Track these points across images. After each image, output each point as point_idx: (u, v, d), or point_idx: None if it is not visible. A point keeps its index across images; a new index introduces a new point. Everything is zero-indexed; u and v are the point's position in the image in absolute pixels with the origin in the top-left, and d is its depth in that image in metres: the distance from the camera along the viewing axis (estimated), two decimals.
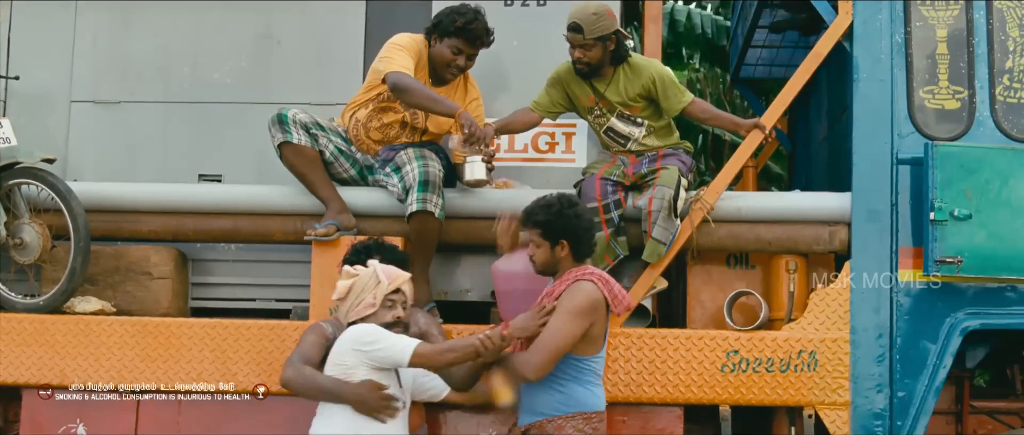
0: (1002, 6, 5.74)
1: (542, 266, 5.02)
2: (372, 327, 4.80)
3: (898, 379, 5.49)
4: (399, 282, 4.90)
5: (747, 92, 9.48)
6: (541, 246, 4.98)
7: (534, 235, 5.00)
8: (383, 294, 4.85)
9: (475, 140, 5.51)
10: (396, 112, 5.79)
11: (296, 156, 5.74)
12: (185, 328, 5.65)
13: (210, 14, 6.29)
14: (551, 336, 4.80)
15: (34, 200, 5.79)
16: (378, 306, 4.85)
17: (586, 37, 5.59)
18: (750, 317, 5.65)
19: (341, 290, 4.89)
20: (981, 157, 5.48)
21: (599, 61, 5.67)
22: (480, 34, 5.72)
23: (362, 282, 4.87)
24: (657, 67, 5.77)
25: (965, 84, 5.70)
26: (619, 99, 5.73)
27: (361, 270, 4.92)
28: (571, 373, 4.89)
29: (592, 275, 4.93)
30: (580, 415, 4.87)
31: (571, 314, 4.81)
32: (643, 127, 5.77)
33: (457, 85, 5.85)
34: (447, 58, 5.73)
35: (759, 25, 7.67)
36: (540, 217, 4.98)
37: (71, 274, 5.66)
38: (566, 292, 4.88)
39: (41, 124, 6.25)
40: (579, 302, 4.83)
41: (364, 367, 4.76)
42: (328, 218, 5.68)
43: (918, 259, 5.53)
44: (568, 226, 4.95)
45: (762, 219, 5.75)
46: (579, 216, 5.01)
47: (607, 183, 5.63)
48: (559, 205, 4.99)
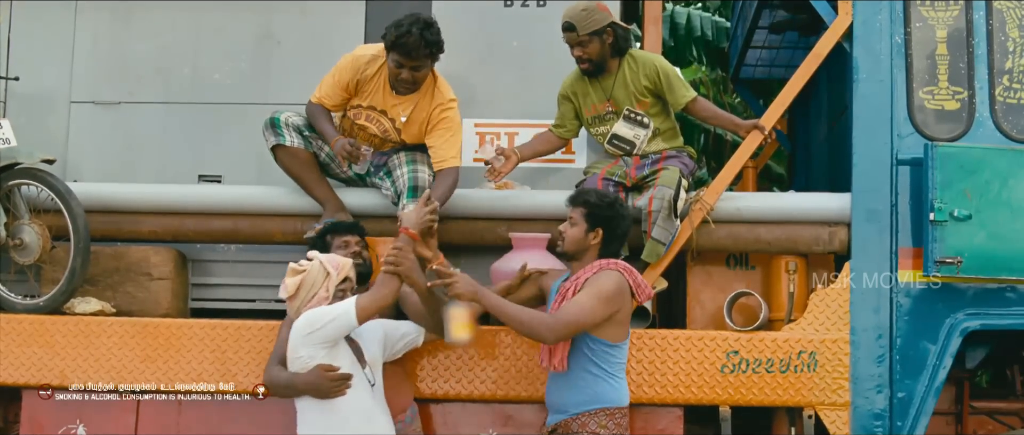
0: (1002, 6, 5.74)
1: (570, 245, 5.07)
2: (309, 312, 4.84)
3: (898, 379, 5.50)
4: (346, 270, 4.95)
5: (746, 93, 9.49)
6: (578, 225, 5.05)
7: (576, 213, 5.06)
8: (334, 285, 4.89)
9: (353, 158, 5.53)
10: (371, 127, 5.77)
11: (290, 159, 5.75)
12: (185, 329, 5.65)
13: (210, 14, 6.29)
14: (576, 307, 4.85)
15: (34, 201, 5.79)
16: (331, 298, 4.89)
17: (580, 34, 5.62)
18: (750, 318, 5.65)
19: (290, 288, 4.92)
20: (981, 158, 5.48)
21: (600, 55, 5.69)
22: (413, 47, 5.42)
23: (311, 277, 4.90)
24: (661, 60, 5.81)
25: (965, 85, 5.70)
26: (626, 94, 5.73)
27: (306, 265, 4.94)
28: (599, 363, 4.94)
29: (617, 264, 5.03)
30: (603, 411, 4.93)
31: (598, 296, 4.88)
32: (649, 129, 5.76)
33: (425, 92, 5.69)
34: (393, 72, 5.58)
35: (759, 26, 7.67)
36: (591, 198, 5.08)
37: (71, 275, 5.66)
38: (593, 277, 4.95)
39: (41, 125, 6.25)
40: (607, 287, 4.90)
41: (321, 352, 4.79)
42: (326, 217, 5.69)
43: (918, 260, 5.53)
44: (613, 218, 5.06)
45: (762, 220, 5.75)
46: (626, 217, 5.15)
47: (609, 183, 5.63)
48: (614, 199, 5.14)
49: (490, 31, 6.12)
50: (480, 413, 5.53)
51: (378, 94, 5.69)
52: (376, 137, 5.78)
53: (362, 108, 5.73)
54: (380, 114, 5.72)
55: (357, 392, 4.85)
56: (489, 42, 6.12)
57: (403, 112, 5.68)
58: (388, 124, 5.73)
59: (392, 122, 5.72)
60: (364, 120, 5.75)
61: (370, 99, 5.71)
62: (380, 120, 5.73)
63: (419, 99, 5.68)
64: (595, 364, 4.94)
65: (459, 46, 6.00)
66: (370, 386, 4.91)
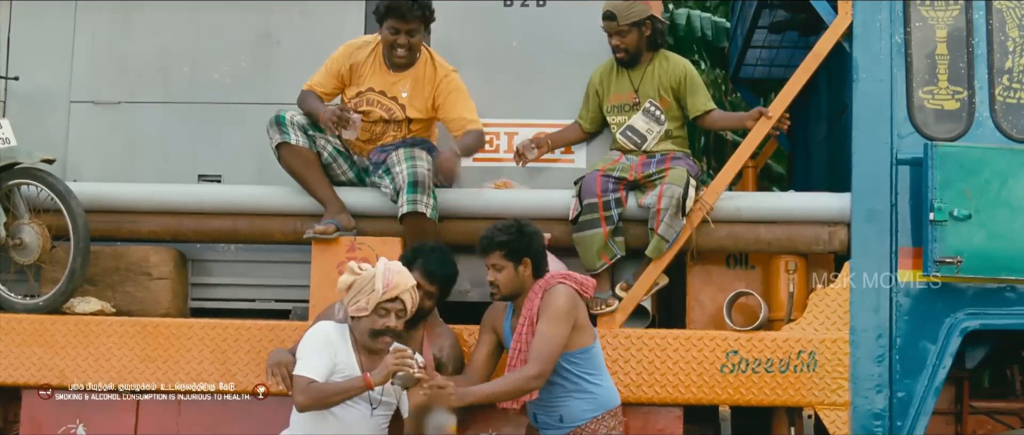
0: (1002, 6, 5.74)
1: (508, 288, 5.12)
2: (311, 336, 4.92)
3: (898, 379, 5.50)
4: (397, 291, 4.90)
5: (746, 92, 9.49)
6: (504, 268, 5.09)
7: (496, 258, 5.09)
8: (375, 302, 4.88)
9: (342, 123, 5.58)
10: (375, 110, 5.79)
11: (294, 157, 5.75)
12: (185, 328, 5.65)
13: (210, 14, 6.29)
14: (544, 343, 4.93)
15: (34, 201, 5.79)
16: (369, 311, 4.89)
17: (620, 23, 5.72)
18: (750, 317, 5.65)
19: (342, 285, 4.95)
20: (980, 157, 5.48)
21: (637, 46, 5.79)
22: (406, 9, 5.58)
23: (361, 283, 4.90)
24: (689, 65, 5.91)
25: (964, 84, 5.70)
26: (652, 88, 5.82)
27: (368, 268, 4.94)
28: (584, 369, 5.03)
29: (553, 278, 5.11)
30: (607, 414, 5.06)
31: (557, 319, 4.96)
32: (663, 126, 5.82)
33: (423, 66, 5.77)
34: (389, 41, 5.68)
35: (758, 25, 7.67)
36: (502, 238, 5.09)
37: (71, 274, 5.66)
38: (543, 304, 5.00)
39: (41, 124, 6.24)
40: (560, 305, 4.99)
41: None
42: (327, 218, 5.69)
43: (918, 259, 5.53)
44: (531, 244, 5.12)
45: (762, 219, 5.75)
46: (536, 234, 5.19)
47: (608, 180, 5.64)
48: (517, 225, 5.14)
49: (490, 31, 6.11)
50: (481, 413, 5.52)
51: (376, 75, 5.76)
52: (382, 120, 5.80)
53: (362, 93, 5.77)
54: (380, 95, 5.76)
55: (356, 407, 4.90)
56: (489, 42, 6.12)
57: (403, 88, 5.75)
58: (390, 102, 5.76)
59: (394, 100, 5.75)
60: (366, 104, 5.77)
61: (368, 82, 5.77)
62: (382, 100, 5.77)
63: (417, 74, 5.75)
64: (583, 375, 5.04)
65: (459, 46, 6.01)
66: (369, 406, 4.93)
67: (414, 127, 5.85)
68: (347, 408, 4.87)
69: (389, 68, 5.76)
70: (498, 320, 5.26)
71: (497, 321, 5.26)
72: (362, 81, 5.78)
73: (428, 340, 5.32)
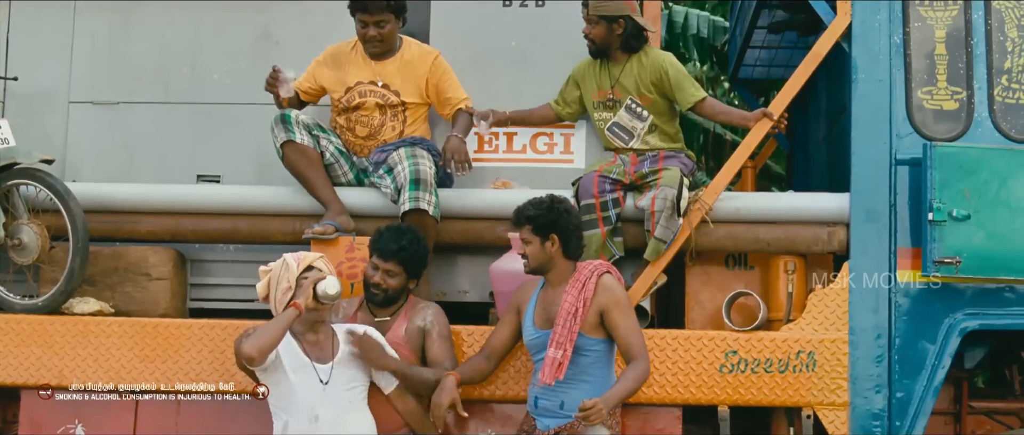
0: (1001, 6, 5.74)
1: (534, 262, 5.13)
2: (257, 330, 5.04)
3: (897, 379, 5.50)
4: (308, 261, 5.09)
5: (746, 92, 9.50)
6: (532, 242, 5.11)
7: (525, 232, 5.12)
8: (295, 276, 5.04)
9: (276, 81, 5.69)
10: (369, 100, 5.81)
11: (299, 156, 5.75)
12: (184, 329, 5.65)
13: (209, 15, 6.29)
14: (635, 334, 5.05)
15: (33, 201, 5.79)
16: (294, 287, 5.04)
17: (590, 13, 5.74)
18: (749, 318, 5.65)
19: (260, 290, 5.16)
20: (979, 158, 5.49)
21: (603, 41, 5.77)
22: (371, 2, 5.66)
23: (275, 274, 5.11)
24: (670, 60, 5.85)
25: (963, 85, 5.70)
26: (632, 85, 5.80)
27: (273, 265, 5.14)
28: (598, 358, 5.07)
29: (604, 266, 5.15)
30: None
31: (628, 307, 5.09)
32: (647, 122, 5.79)
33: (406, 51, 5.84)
34: (360, 34, 5.77)
35: (758, 26, 7.67)
36: (531, 212, 5.12)
37: (70, 275, 5.66)
38: (607, 296, 5.03)
39: (40, 125, 6.24)
40: (625, 294, 5.14)
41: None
42: (327, 219, 5.69)
43: (917, 259, 5.53)
44: (558, 220, 5.09)
45: (761, 220, 5.75)
46: (569, 212, 5.17)
47: (606, 180, 5.64)
48: (549, 201, 5.15)
49: (489, 31, 6.12)
50: (480, 413, 5.52)
51: (362, 69, 5.83)
52: (379, 108, 5.83)
53: (352, 88, 5.83)
54: (371, 85, 5.81)
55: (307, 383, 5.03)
56: (488, 42, 6.12)
57: (391, 73, 5.82)
58: (383, 90, 5.82)
59: (387, 87, 5.81)
60: (360, 97, 5.82)
61: (356, 76, 5.82)
62: (374, 89, 5.82)
63: (403, 57, 5.83)
64: (595, 364, 5.05)
65: (458, 46, 6.01)
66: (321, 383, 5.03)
67: (410, 116, 5.86)
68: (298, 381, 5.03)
69: (371, 59, 5.84)
70: (524, 301, 5.26)
71: (523, 302, 5.26)
72: (351, 75, 5.83)
73: (404, 317, 5.33)
